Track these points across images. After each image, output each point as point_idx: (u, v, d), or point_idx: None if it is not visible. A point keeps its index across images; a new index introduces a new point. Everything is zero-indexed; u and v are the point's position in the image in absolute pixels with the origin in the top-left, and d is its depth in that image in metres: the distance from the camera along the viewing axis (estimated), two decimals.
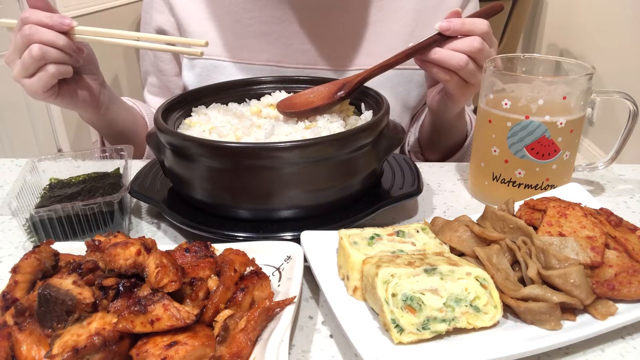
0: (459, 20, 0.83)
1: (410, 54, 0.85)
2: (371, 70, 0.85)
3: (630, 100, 0.81)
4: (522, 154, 0.78)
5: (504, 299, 0.57)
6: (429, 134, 1.12)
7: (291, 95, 0.88)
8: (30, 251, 0.59)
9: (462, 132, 1.09)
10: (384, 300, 0.54)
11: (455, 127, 1.06)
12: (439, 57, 0.84)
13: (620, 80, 2.90)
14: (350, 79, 0.85)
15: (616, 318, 0.56)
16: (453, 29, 0.83)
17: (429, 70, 0.87)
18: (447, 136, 1.09)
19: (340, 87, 0.85)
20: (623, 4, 2.89)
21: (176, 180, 0.77)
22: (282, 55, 1.08)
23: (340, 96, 0.84)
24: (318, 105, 0.84)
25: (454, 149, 1.10)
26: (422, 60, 0.86)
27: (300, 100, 0.85)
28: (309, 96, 0.86)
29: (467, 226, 0.65)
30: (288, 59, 1.08)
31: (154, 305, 0.50)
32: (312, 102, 0.84)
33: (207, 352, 0.50)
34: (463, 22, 0.83)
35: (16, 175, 0.80)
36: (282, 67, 1.09)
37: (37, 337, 0.51)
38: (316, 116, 0.84)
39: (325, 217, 0.73)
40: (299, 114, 0.84)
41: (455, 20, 0.83)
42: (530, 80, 0.76)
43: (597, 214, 0.67)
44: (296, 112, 0.84)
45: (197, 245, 0.64)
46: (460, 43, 0.83)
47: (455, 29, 0.83)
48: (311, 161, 0.70)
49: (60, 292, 0.52)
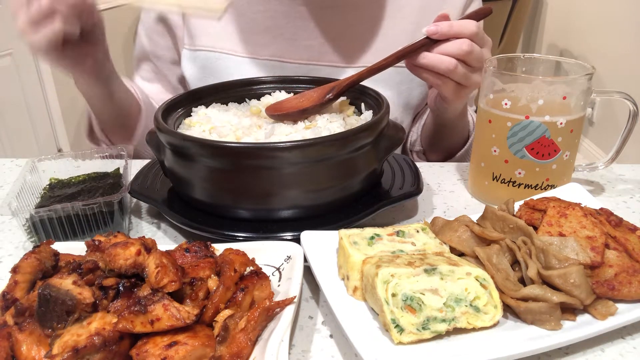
0: (446, 24, 0.83)
1: (400, 57, 0.84)
2: (360, 74, 0.86)
3: (630, 100, 0.81)
4: (522, 154, 0.78)
5: (504, 299, 0.57)
6: (430, 133, 1.12)
7: (281, 100, 0.88)
8: (30, 251, 0.59)
9: (464, 132, 1.09)
10: (384, 300, 0.54)
11: (456, 127, 1.06)
12: (428, 62, 0.83)
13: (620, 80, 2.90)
14: (340, 82, 0.86)
15: (616, 318, 0.56)
16: (440, 33, 0.82)
17: (420, 75, 0.87)
18: (448, 136, 1.09)
19: (330, 90, 0.85)
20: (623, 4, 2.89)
21: (176, 180, 0.77)
22: (285, 50, 1.08)
23: (328, 98, 0.84)
24: (307, 107, 0.84)
25: (455, 148, 1.10)
26: (412, 65, 0.86)
27: (291, 104, 0.86)
28: (299, 100, 0.86)
29: (467, 226, 0.65)
30: (291, 54, 1.08)
31: (154, 305, 0.50)
32: (301, 105, 0.84)
33: (207, 352, 0.50)
34: (451, 25, 0.83)
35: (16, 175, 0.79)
36: (285, 62, 1.09)
37: (37, 337, 0.51)
38: (305, 118, 0.84)
39: (325, 217, 0.73)
40: (287, 115, 0.84)
41: (443, 24, 0.82)
42: (530, 80, 0.76)
43: (597, 214, 0.67)
44: (284, 115, 0.84)
45: (197, 245, 0.64)
46: (449, 46, 0.82)
47: (443, 32, 0.82)
48: (311, 161, 0.70)
49: (60, 292, 0.52)
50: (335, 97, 0.85)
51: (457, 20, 0.84)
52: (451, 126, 1.06)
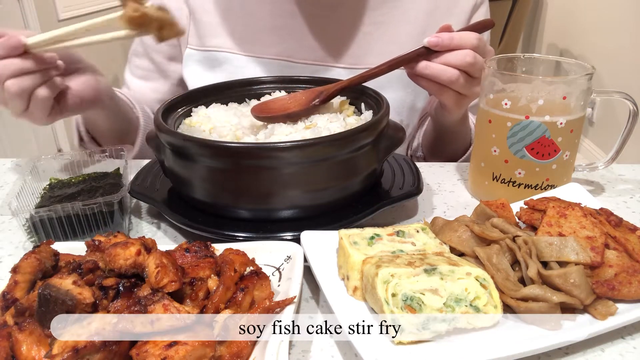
0: (447, 35, 0.82)
1: (393, 65, 0.84)
2: (350, 80, 0.85)
3: (630, 100, 0.81)
4: (522, 154, 0.78)
5: (504, 299, 0.57)
6: (431, 140, 1.12)
7: (268, 100, 0.88)
8: (30, 251, 0.59)
9: (466, 139, 1.08)
10: (384, 300, 0.54)
11: (457, 134, 1.06)
12: (430, 72, 0.83)
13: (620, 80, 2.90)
14: (328, 87, 0.85)
15: (616, 318, 0.56)
16: (442, 45, 0.82)
17: (421, 83, 0.87)
18: (449, 142, 1.09)
19: (318, 94, 0.85)
20: (623, 4, 2.89)
21: (176, 180, 0.77)
22: (292, 50, 1.08)
23: (315, 104, 0.84)
24: (293, 111, 0.83)
25: (457, 155, 1.09)
26: (413, 74, 0.86)
27: (277, 106, 0.85)
28: (286, 101, 0.85)
29: (467, 226, 0.65)
30: (298, 54, 1.08)
31: (154, 305, 0.50)
32: (287, 108, 0.84)
33: (207, 352, 0.50)
34: (452, 37, 0.82)
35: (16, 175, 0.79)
36: (292, 62, 1.08)
37: (37, 337, 0.51)
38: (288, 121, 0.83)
39: (325, 217, 0.73)
40: (272, 118, 0.83)
41: (444, 35, 0.82)
42: (530, 80, 0.76)
43: (597, 214, 0.67)
44: (270, 117, 0.83)
45: (197, 245, 0.64)
46: (453, 57, 0.82)
47: (444, 44, 0.82)
48: (311, 161, 0.70)
49: (60, 292, 0.52)
50: (322, 102, 0.84)
51: (459, 32, 0.84)
52: (452, 132, 1.06)
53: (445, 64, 0.83)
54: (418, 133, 1.19)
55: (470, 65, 0.82)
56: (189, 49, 1.11)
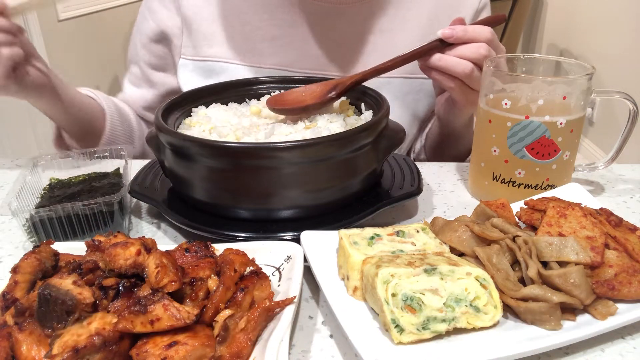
0: (461, 28, 0.82)
1: (407, 58, 0.84)
2: (364, 73, 0.85)
3: (630, 100, 0.81)
4: (522, 154, 0.78)
5: (504, 299, 0.57)
6: (435, 142, 1.11)
7: (283, 92, 0.88)
8: (30, 251, 0.59)
9: (469, 142, 1.08)
10: (384, 300, 0.54)
11: (462, 136, 1.05)
12: (444, 64, 0.83)
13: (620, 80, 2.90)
14: (344, 80, 0.85)
15: (616, 318, 0.56)
16: (456, 37, 0.82)
17: (433, 76, 0.86)
18: (454, 146, 1.08)
19: (333, 87, 0.84)
20: (623, 4, 2.89)
21: (176, 180, 0.77)
22: (291, 59, 1.07)
23: (331, 97, 0.84)
24: (308, 104, 0.83)
25: (459, 158, 1.09)
26: (426, 66, 0.85)
27: (291, 98, 0.85)
28: (301, 94, 0.85)
29: (467, 226, 0.65)
30: (298, 63, 1.07)
31: (154, 305, 0.50)
32: (303, 100, 0.84)
33: (207, 352, 0.50)
34: (465, 29, 0.82)
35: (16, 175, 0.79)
36: (291, 71, 1.07)
37: (37, 337, 0.51)
38: (305, 115, 0.84)
39: (325, 217, 0.73)
40: (288, 111, 0.83)
41: (458, 28, 0.82)
42: (530, 80, 0.76)
43: (597, 214, 0.67)
44: (286, 110, 0.83)
45: (197, 245, 0.64)
46: (467, 49, 0.82)
47: (458, 36, 0.82)
48: (311, 161, 0.70)
49: (60, 292, 0.52)
50: (338, 95, 0.84)
51: (472, 25, 0.84)
52: (457, 135, 1.05)
53: (459, 57, 0.82)
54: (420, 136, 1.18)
55: (485, 58, 0.82)
56: (183, 59, 1.10)
